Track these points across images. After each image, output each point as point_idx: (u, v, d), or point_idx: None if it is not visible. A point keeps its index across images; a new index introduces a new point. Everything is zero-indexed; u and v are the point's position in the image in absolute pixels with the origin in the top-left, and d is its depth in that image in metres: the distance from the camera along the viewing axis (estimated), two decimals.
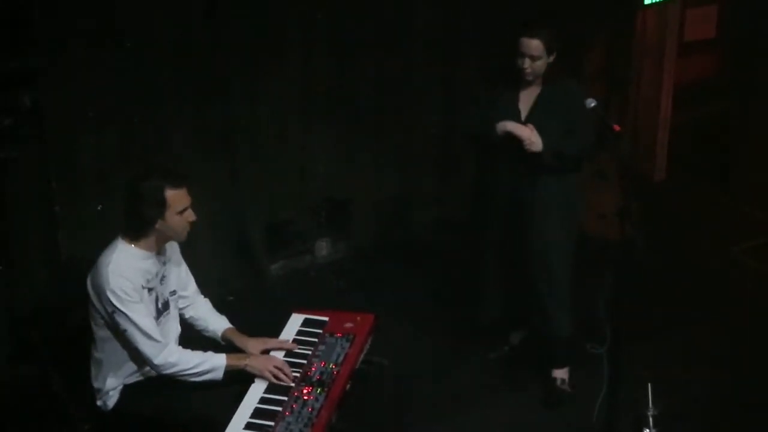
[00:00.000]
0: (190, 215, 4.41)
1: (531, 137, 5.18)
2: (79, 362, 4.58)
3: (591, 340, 5.66)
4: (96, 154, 5.90)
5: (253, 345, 4.66)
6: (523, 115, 5.33)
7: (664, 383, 5.17)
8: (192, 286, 4.81)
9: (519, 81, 5.31)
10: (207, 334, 4.80)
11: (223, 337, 4.76)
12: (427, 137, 7.34)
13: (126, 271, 4.31)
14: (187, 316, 4.79)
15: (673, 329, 6.32)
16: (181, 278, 4.73)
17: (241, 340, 4.70)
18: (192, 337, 4.76)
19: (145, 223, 4.35)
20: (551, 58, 5.24)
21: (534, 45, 5.15)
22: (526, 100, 5.34)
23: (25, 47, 5.43)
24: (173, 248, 4.64)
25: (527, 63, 5.19)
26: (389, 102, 7.06)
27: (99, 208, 5.86)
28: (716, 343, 6.21)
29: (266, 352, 4.64)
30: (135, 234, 4.38)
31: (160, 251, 4.49)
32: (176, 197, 4.35)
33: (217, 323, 4.80)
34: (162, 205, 4.32)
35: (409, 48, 7.05)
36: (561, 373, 5.77)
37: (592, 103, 5.01)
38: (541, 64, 5.22)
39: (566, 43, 5.33)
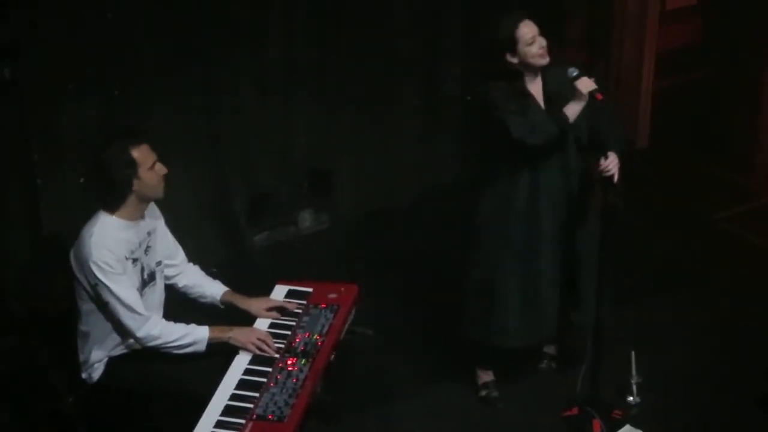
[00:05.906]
0: (162, 168, 4.41)
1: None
2: (63, 335, 4.58)
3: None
4: (77, 126, 5.87)
5: (257, 304, 4.70)
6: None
7: (648, 351, 5.20)
8: (181, 254, 4.81)
9: (521, 78, 4.95)
10: (204, 301, 4.81)
11: (223, 300, 4.77)
12: (410, 107, 7.32)
13: (108, 242, 4.31)
14: (180, 285, 4.79)
15: (657, 297, 6.33)
16: (169, 248, 4.73)
17: (242, 301, 4.73)
18: (188, 305, 4.79)
19: (122, 189, 4.34)
20: None
21: (532, 23, 4.90)
22: (536, 94, 5.02)
23: (2, 19, 5.39)
24: (156, 216, 4.64)
25: (543, 42, 4.89)
26: (372, 71, 7.03)
27: (81, 180, 5.83)
28: (699, 310, 6.23)
29: (271, 309, 4.67)
30: (115, 204, 4.38)
31: (142, 216, 4.48)
32: (142, 153, 4.35)
33: (213, 288, 4.80)
34: (132, 165, 4.31)
35: (392, 16, 7.01)
36: (551, 349, 5.76)
37: (574, 72, 5.00)
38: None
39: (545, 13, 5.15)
